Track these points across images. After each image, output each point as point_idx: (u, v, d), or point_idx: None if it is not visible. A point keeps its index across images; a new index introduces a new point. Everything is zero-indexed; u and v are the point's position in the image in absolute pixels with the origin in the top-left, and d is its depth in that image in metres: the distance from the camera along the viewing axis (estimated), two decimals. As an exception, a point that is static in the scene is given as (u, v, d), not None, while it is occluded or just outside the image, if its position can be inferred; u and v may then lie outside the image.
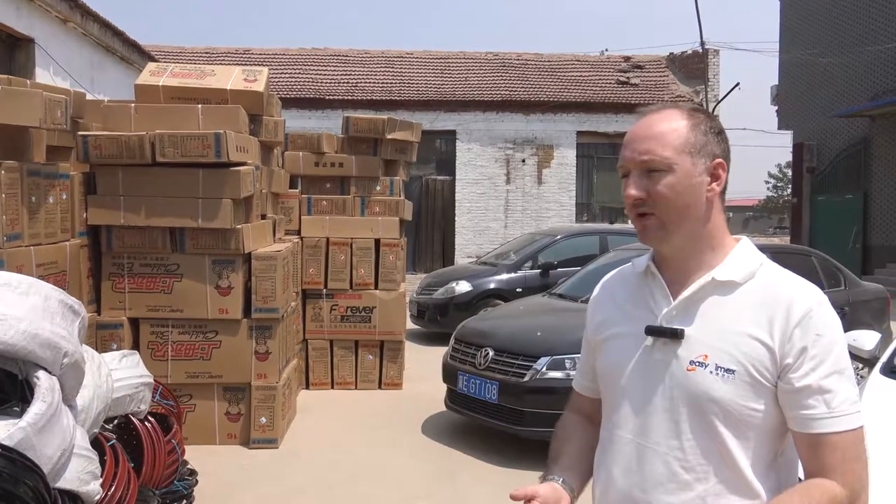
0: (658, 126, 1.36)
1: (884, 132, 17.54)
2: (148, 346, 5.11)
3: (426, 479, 4.79)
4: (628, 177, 1.38)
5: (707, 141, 1.36)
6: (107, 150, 4.87)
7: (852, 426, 1.28)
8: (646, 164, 1.34)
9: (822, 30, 19.64)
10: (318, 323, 7.03)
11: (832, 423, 1.26)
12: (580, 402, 1.63)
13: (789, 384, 1.28)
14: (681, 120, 1.36)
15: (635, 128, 1.40)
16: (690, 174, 1.34)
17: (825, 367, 1.27)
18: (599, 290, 1.60)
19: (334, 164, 7.30)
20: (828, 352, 1.28)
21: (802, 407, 1.28)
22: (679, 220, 1.34)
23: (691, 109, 1.40)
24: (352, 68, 18.94)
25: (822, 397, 1.26)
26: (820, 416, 1.26)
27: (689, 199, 1.34)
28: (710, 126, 1.39)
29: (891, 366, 3.17)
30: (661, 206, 1.33)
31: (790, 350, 1.28)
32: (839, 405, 1.27)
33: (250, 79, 5.63)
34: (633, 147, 1.37)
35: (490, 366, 5.19)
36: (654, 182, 1.34)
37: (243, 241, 5.10)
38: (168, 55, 17.47)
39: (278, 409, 5.23)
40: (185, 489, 3.98)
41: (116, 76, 11.82)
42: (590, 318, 1.57)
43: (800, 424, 1.29)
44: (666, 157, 1.33)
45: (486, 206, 17.75)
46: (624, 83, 18.76)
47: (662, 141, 1.34)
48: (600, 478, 1.47)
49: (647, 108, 1.43)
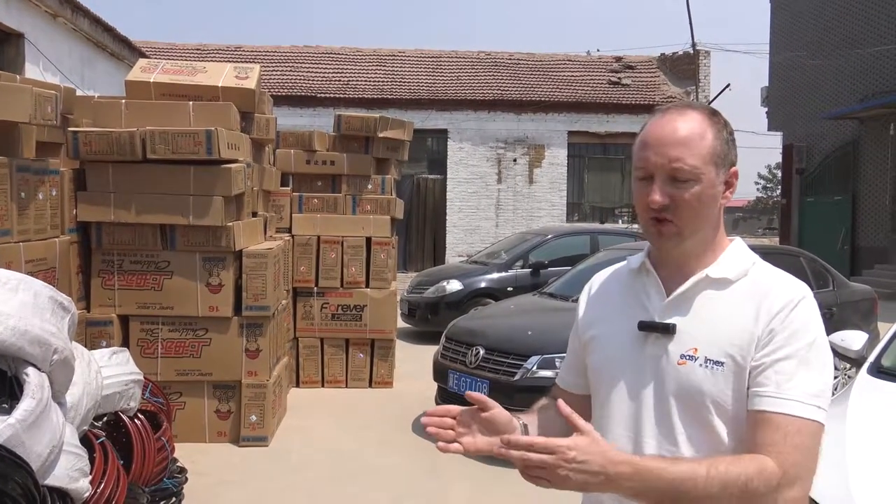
0: (684, 130, 1.33)
1: (872, 134, 17.67)
2: (138, 343, 5.09)
3: (416, 477, 4.79)
4: (648, 179, 1.35)
5: (728, 150, 1.37)
6: (97, 146, 4.84)
7: (805, 415, 1.24)
8: (674, 173, 1.31)
9: (812, 32, 19.75)
10: (308, 321, 7.03)
11: (778, 404, 1.25)
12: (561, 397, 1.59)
13: (753, 362, 1.28)
14: (707, 126, 1.34)
15: (658, 129, 1.35)
16: (714, 184, 1.34)
17: (786, 350, 1.27)
18: (591, 288, 1.59)
19: (326, 162, 7.29)
20: (795, 339, 1.28)
21: (755, 384, 1.28)
22: (696, 227, 1.35)
23: (710, 112, 1.38)
24: (344, 66, 18.91)
25: (774, 377, 1.26)
26: (767, 395, 1.26)
27: (709, 208, 1.34)
28: (729, 132, 1.39)
29: (878, 365, 3.20)
30: (683, 214, 1.32)
31: (764, 333, 1.29)
32: (791, 390, 1.25)
33: (242, 76, 5.61)
34: (661, 152, 1.32)
35: (481, 364, 5.20)
36: (680, 190, 1.32)
37: (234, 238, 5.08)
38: (159, 51, 17.39)
39: (268, 407, 5.22)
40: (175, 487, 3.97)
41: (107, 72, 11.76)
42: (581, 314, 1.57)
43: (749, 402, 1.28)
44: (696, 166, 1.31)
45: (477, 205, 17.76)
46: (615, 83, 18.81)
47: (692, 149, 1.31)
48: None
49: (665, 107, 1.40)
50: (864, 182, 18.10)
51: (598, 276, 1.61)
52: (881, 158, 17.36)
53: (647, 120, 1.42)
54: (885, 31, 17.25)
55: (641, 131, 1.41)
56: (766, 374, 1.27)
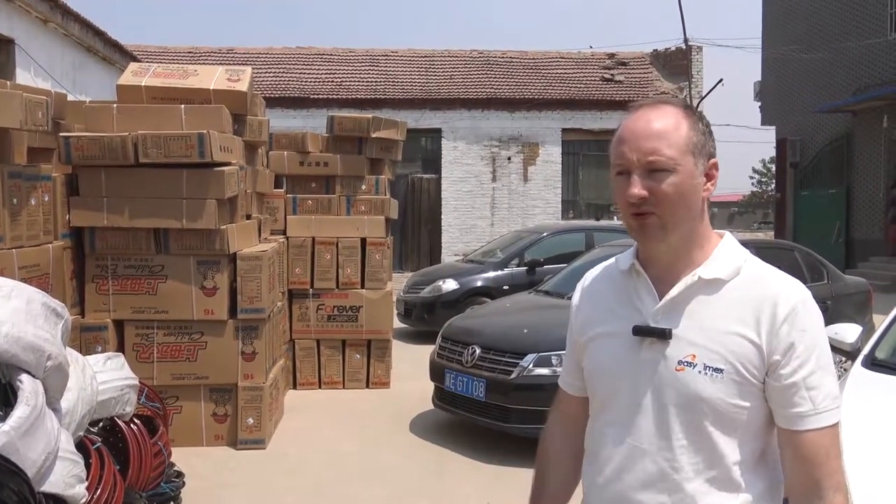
0: (659, 123, 1.33)
1: (865, 127, 17.71)
2: (133, 348, 5.08)
3: (414, 477, 4.79)
4: (625, 174, 1.34)
5: (705, 141, 1.36)
6: (89, 151, 4.83)
7: (833, 421, 1.30)
8: (651, 164, 1.31)
9: (804, 26, 19.79)
10: (304, 323, 7.02)
11: (817, 420, 1.28)
12: (566, 401, 1.60)
13: (778, 381, 1.29)
14: (681, 118, 1.34)
15: (633, 124, 1.35)
16: (692, 174, 1.33)
17: (811, 363, 1.28)
18: (582, 289, 1.58)
19: (319, 163, 7.29)
20: (813, 348, 1.29)
21: (790, 405, 1.29)
22: (679, 220, 1.33)
23: (685, 105, 1.39)
24: (336, 67, 18.88)
25: (808, 394, 1.28)
26: (806, 414, 1.28)
27: (690, 200, 1.33)
28: (705, 124, 1.39)
29: (872, 358, 3.21)
30: (664, 206, 1.31)
31: (777, 346, 1.28)
32: (823, 401, 1.28)
33: (234, 78, 5.60)
34: (636, 146, 1.32)
35: (477, 363, 5.20)
36: (658, 182, 1.31)
37: (228, 241, 5.07)
38: (151, 55, 17.34)
39: (265, 410, 5.22)
40: (173, 491, 3.97)
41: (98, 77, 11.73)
42: (574, 316, 1.56)
43: (786, 421, 1.30)
44: (672, 157, 1.31)
45: (472, 203, 17.76)
46: (608, 80, 18.82)
47: (667, 140, 1.32)
48: (590, 478, 1.46)
49: (639, 103, 1.40)
50: (858, 175, 18.14)
51: (589, 275, 1.59)
52: (875, 151, 17.41)
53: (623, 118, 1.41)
54: (876, 23, 17.28)
55: (618, 129, 1.41)
56: (800, 393, 1.28)
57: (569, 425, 1.59)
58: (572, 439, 1.57)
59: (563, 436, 1.60)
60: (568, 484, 1.58)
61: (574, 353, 1.55)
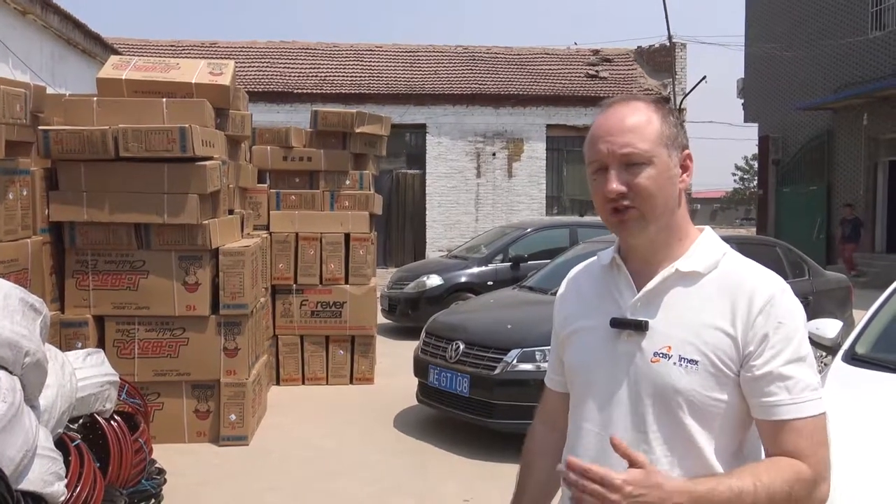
0: (631, 118, 1.34)
1: (845, 125, 17.88)
2: (114, 344, 5.03)
3: (398, 472, 4.78)
4: (601, 171, 1.35)
5: (678, 133, 1.37)
6: (68, 144, 4.77)
7: (815, 412, 1.29)
8: (626, 158, 1.32)
9: (787, 24, 19.94)
10: (288, 318, 6.98)
11: (795, 410, 1.27)
12: (551, 399, 1.61)
13: (750, 372, 1.29)
14: (652, 112, 1.36)
15: (605, 121, 1.37)
16: (668, 166, 1.34)
17: (786, 354, 1.28)
18: (566, 285, 1.59)
19: (303, 158, 7.25)
20: (789, 339, 1.29)
21: (764, 395, 1.28)
22: (657, 212, 1.34)
23: (655, 101, 1.40)
24: (321, 62, 18.79)
25: (783, 384, 1.27)
26: (782, 403, 1.27)
27: (667, 192, 1.34)
28: (676, 117, 1.40)
29: (852, 353, 3.23)
30: (643, 199, 1.32)
31: (752, 338, 1.29)
32: (801, 392, 1.28)
33: (216, 72, 5.55)
34: (610, 140, 1.34)
35: (461, 359, 5.20)
36: (634, 175, 1.32)
37: (210, 236, 5.03)
38: (132, 48, 17.17)
39: (248, 406, 5.19)
40: (154, 488, 3.94)
41: (78, 70, 11.58)
42: (557, 312, 1.56)
43: (763, 412, 1.29)
44: (647, 150, 1.32)
45: (456, 199, 17.74)
46: (593, 76, 18.87)
47: (640, 134, 1.33)
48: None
49: (610, 100, 1.41)
50: (838, 172, 18.32)
51: (573, 271, 1.60)
52: (855, 148, 17.58)
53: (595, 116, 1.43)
54: (858, 21, 17.44)
55: (591, 127, 1.42)
56: (775, 383, 1.28)
57: (553, 424, 1.59)
58: (556, 438, 1.56)
59: (547, 434, 1.60)
60: (551, 484, 1.58)
61: (557, 349, 1.56)
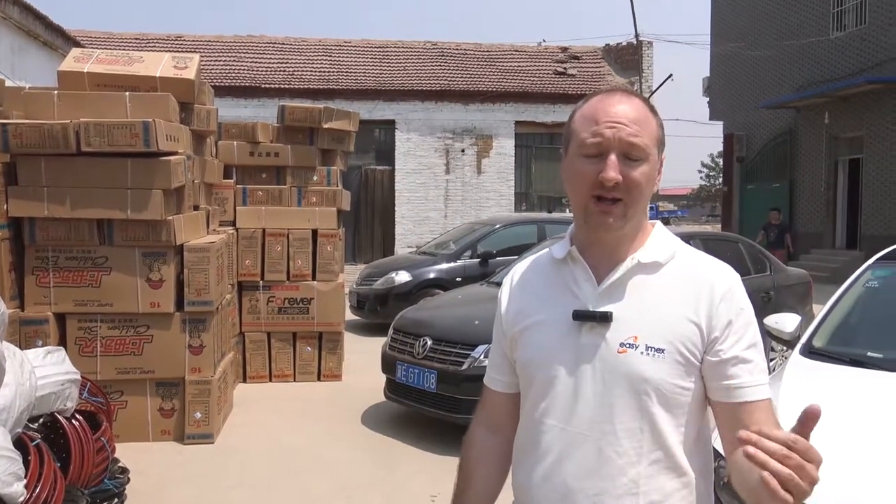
0: (635, 111, 1.33)
1: (807, 123, 18.23)
2: (76, 342, 4.95)
3: (365, 469, 4.78)
4: (596, 156, 1.32)
5: (663, 135, 1.40)
6: (28, 139, 4.68)
7: (768, 395, 1.34)
8: (631, 147, 1.30)
9: (751, 23, 20.26)
10: (254, 315, 6.93)
11: (756, 392, 1.31)
12: (494, 401, 1.56)
13: (716, 356, 1.31)
14: (648, 111, 1.36)
15: (609, 106, 1.33)
16: (656, 166, 1.35)
17: (747, 338, 1.32)
18: (511, 280, 1.54)
19: (270, 153, 7.19)
20: (748, 325, 1.34)
21: (728, 377, 1.31)
22: (639, 209, 1.34)
23: (646, 100, 1.40)
24: (289, 56, 18.62)
25: (745, 367, 1.31)
26: (747, 385, 1.31)
27: (650, 190, 1.36)
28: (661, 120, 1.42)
29: (809, 346, 3.31)
30: (632, 194, 1.31)
31: (717, 324, 1.31)
32: (760, 374, 1.33)
33: (181, 66, 5.48)
34: (618, 126, 1.30)
35: (428, 355, 5.21)
36: (632, 168, 1.31)
37: (175, 232, 4.97)
38: (96, 41, 16.85)
39: (213, 404, 5.14)
40: (117, 487, 3.88)
41: (40, 63, 11.33)
42: (504, 309, 1.51)
43: (725, 394, 1.32)
44: (648, 145, 1.33)
45: (426, 195, 17.73)
46: (561, 73, 18.98)
47: (644, 128, 1.33)
48: (526, 470, 1.42)
49: (607, 88, 1.40)
50: (800, 169, 18.68)
51: (518, 267, 1.56)
52: (817, 146, 17.93)
53: (585, 100, 1.40)
54: (820, 21, 17.78)
55: (580, 109, 1.38)
56: (739, 365, 1.31)
57: (495, 427, 1.56)
58: (498, 441, 1.55)
59: (487, 439, 1.56)
60: (492, 490, 1.55)
61: (503, 348, 1.51)
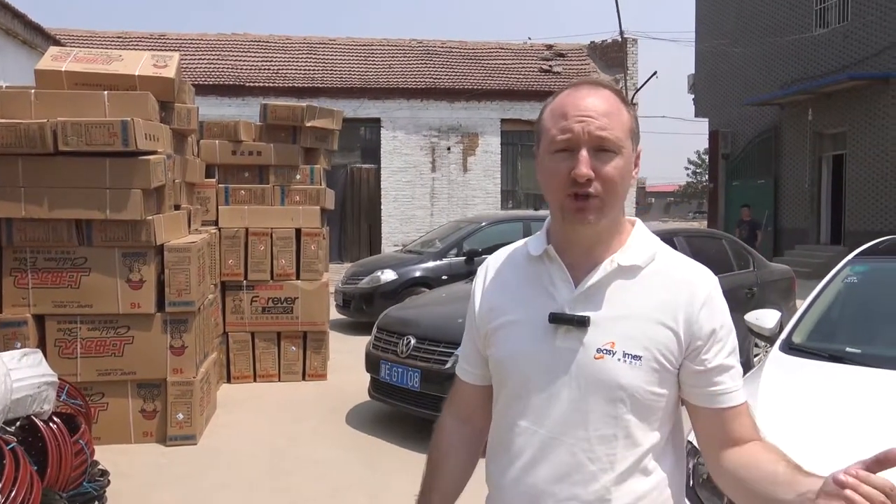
0: (605, 104, 1.29)
1: (791, 120, 18.34)
2: (55, 343, 4.90)
3: (349, 469, 4.76)
4: (566, 152, 1.27)
5: (637, 127, 1.35)
6: (4, 138, 4.62)
7: (745, 397, 1.35)
8: (601, 142, 1.26)
9: (735, 20, 20.36)
10: (238, 315, 6.89)
11: (739, 396, 1.32)
12: (465, 392, 1.54)
13: (701, 364, 1.30)
14: (619, 102, 1.31)
15: (577, 100, 1.29)
16: (630, 159, 1.31)
17: (729, 345, 1.33)
18: (485, 275, 1.50)
19: (252, 152, 7.14)
20: (730, 331, 1.33)
21: (713, 384, 1.31)
22: (614, 204, 1.30)
23: (618, 91, 1.36)
24: (273, 55, 18.53)
25: (728, 373, 1.31)
26: (731, 390, 1.31)
27: (626, 185, 1.31)
28: (634, 111, 1.38)
29: (789, 342, 3.32)
30: (606, 189, 1.27)
31: (698, 332, 1.29)
32: (739, 379, 1.34)
33: (160, 64, 5.43)
34: (586, 121, 1.26)
35: (412, 354, 5.19)
36: (604, 162, 1.26)
37: (155, 232, 4.93)
38: (77, 39, 16.71)
39: (196, 405, 5.10)
40: (96, 490, 3.84)
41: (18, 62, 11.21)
42: (477, 303, 1.48)
43: (709, 400, 1.31)
44: (620, 138, 1.28)
45: (412, 194, 17.71)
46: (546, 71, 18.99)
47: (615, 120, 1.28)
48: (499, 470, 1.40)
49: (577, 81, 1.35)
50: (785, 166, 18.79)
51: (493, 260, 1.52)
52: (801, 143, 18.05)
53: (554, 96, 1.37)
54: (803, 19, 17.89)
55: (549, 105, 1.35)
56: (724, 373, 1.31)
57: (465, 418, 1.54)
58: (468, 433, 1.54)
59: (457, 429, 1.54)
60: (460, 479, 1.54)
61: (475, 342, 1.49)
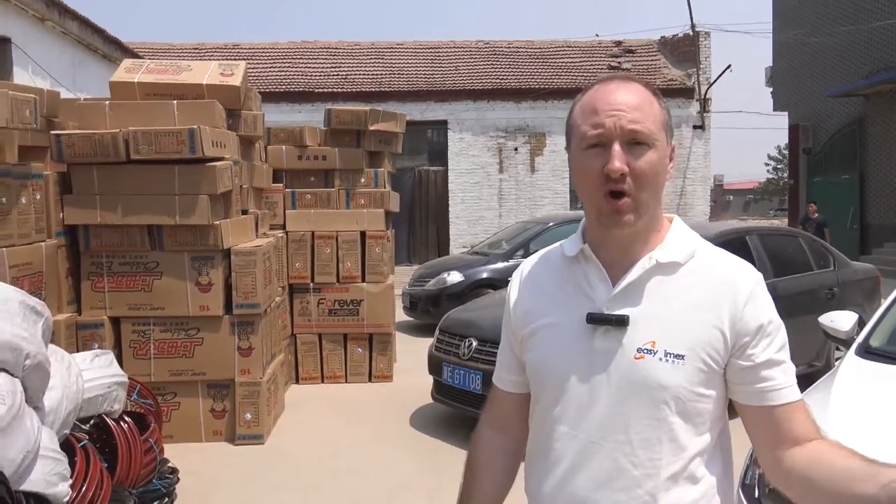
0: (636, 97, 1.25)
1: (878, 111, 17.44)
2: (130, 344, 5.08)
3: (412, 471, 4.76)
4: (601, 147, 1.24)
5: (670, 120, 1.31)
6: (80, 148, 4.82)
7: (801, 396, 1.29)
8: (634, 134, 1.22)
9: (815, 8, 19.51)
10: (305, 317, 7.00)
11: (792, 393, 1.26)
12: (503, 401, 1.50)
13: (748, 360, 1.24)
14: (651, 94, 1.28)
15: (607, 95, 1.26)
16: (665, 153, 1.27)
17: (778, 340, 1.27)
18: (520, 280, 1.47)
19: (317, 157, 7.26)
20: (778, 327, 1.28)
21: (761, 380, 1.25)
22: (650, 201, 1.25)
23: (649, 84, 1.32)
24: (341, 60, 18.83)
25: (779, 368, 1.25)
26: (782, 386, 1.25)
27: (661, 180, 1.27)
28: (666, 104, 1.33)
29: (866, 346, 3.13)
30: (641, 185, 1.23)
31: (745, 328, 1.24)
32: (791, 375, 1.27)
33: (227, 73, 5.57)
34: (617, 115, 1.23)
35: (473, 356, 5.16)
36: (636, 157, 1.22)
37: (222, 237, 5.05)
38: (156, 52, 17.37)
39: (263, 405, 5.20)
40: (165, 487, 3.95)
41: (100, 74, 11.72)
42: (512, 308, 1.45)
43: (760, 398, 1.25)
44: (653, 131, 1.24)
45: (479, 195, 17.68)
46: (615, 68, 18.65)
47: (646, 113, 1.25)
48: (538, 478, 1.36)
49: (604, 77, 1.32)
50: (871, 160, 17.89)
51: (526, 264, 1.49)
52: (888, 135, 17.14)
53: (584, 92, 1.33)
54: (889, 3, 16.98)
55: (579, 102, 1.32)
56: (773, 368, 1.25)
57: (502, 427, 1.50)
58: (504, 441, 1.50)
59: (495, 439, 1.51)
60: (500, 490, 1.49)
61: (512, 348, 1.46)
